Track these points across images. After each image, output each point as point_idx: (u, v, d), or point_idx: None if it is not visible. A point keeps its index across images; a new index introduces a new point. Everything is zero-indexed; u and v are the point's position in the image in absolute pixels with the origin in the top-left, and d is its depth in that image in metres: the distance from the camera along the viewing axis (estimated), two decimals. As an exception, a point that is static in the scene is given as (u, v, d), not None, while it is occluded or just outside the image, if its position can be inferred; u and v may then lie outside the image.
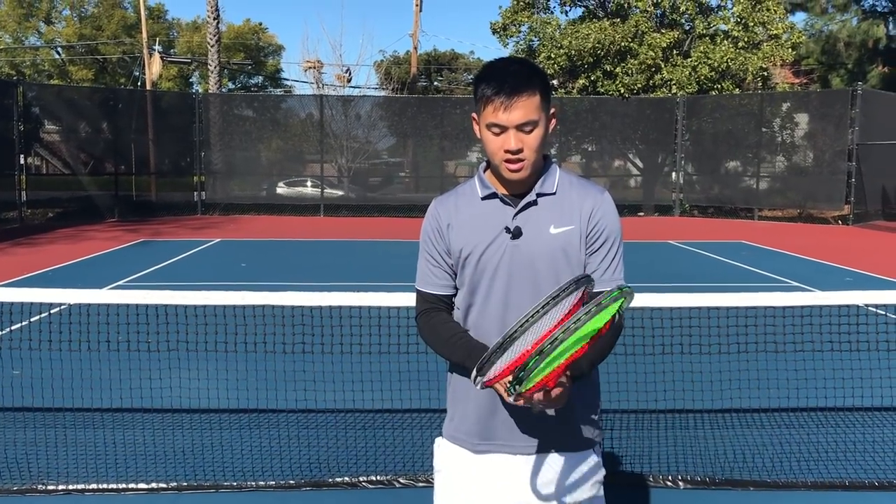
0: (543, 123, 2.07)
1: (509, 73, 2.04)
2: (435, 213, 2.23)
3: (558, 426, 2.15)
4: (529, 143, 2.04)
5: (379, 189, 26.66)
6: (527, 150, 2.04)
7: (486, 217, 2.14)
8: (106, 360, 5.02)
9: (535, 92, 2.03)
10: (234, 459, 4.53)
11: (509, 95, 2.00)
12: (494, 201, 2.15)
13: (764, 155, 24.22)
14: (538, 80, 2.06)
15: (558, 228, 2.10)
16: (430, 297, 2.24)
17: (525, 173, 2.08)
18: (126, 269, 12.23)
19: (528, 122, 2.02)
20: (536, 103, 2.03)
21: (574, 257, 2.11)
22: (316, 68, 35.81)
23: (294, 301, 4.31)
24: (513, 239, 2.10)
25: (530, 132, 2.04)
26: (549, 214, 2.11)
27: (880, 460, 4.58)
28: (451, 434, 2.26)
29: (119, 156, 23.72)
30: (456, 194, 2.24)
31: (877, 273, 12.23)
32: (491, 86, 2.03)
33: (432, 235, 2.21)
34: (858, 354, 4.86)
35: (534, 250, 2.10)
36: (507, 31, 27.38)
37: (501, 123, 2.02)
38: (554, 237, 2.10)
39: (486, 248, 2.12)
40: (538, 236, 2.10)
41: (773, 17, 24.96)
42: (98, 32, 44.13)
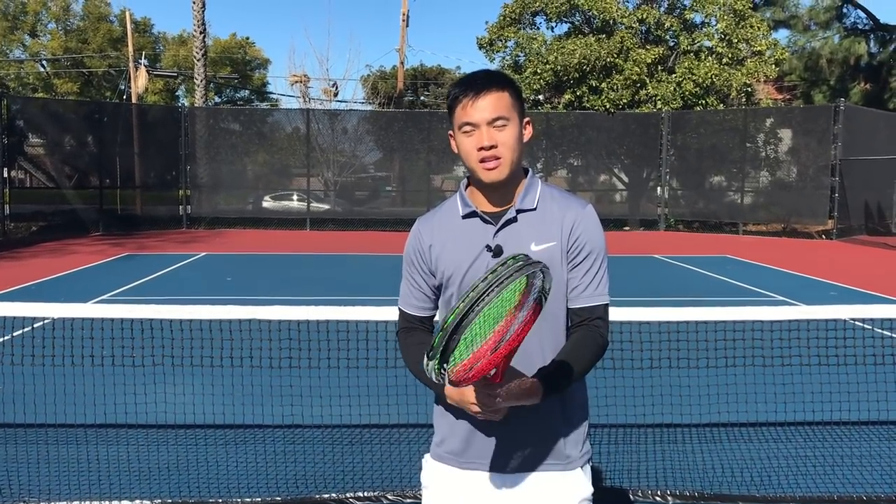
0: (516, 124, 2.06)
1: (477, 76, 2.07)
2: (417, 232, 2.21)
3: (542, 443, 2.13)
4: (503, 140, 2.02)
5: (365, 203, 26.65)
6: (501, 147, 2.02)
7: (468, 236, 2.10)
8: (90, 374, 4.96)
9: (503, 90, 2.04)
10: (220, 475, 4.48)
11: (478, 91, 2.01)
12: (475, 220, 2.11)
13: (748, 170, 24.41)
14: (507, 83, 2.07)
15: (539, 245, 2.05)
16: (409, 316, 2.24)
17: (502, 173, 2.04)
18: (110, 283, 12.14)
19: (499, 118, 2.01)
20: (507, 101, 2.04)
21: (557, 275, 2.03)
22: (303, 82, 35.82)
23: (280, 315, 4.28)
24: (494, 257, 2.05)
25: (503, 128, 2.02)
26: (529, 231, 2.07)
27: (867, 474, 4.58)
28: (437, 453, 2.24)
29: (104, 169, 23.61)
30: (439, 212, 2.21)
31: (861, 287, 12.31)
32: (460, 88, 2.05)
33: (414, 257, 2.20)
34: (846, 368, 4.86)
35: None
36: (493, 47, 27.50)
37: (472, 120, 2.01)
38: (535, 255, 2.01)
39: (468, 267, 2.08)
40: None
41: (756, 33, 25.21)
42: (84, 45, 43.98)
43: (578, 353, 2.02)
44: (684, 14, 25.98)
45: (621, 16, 25.58)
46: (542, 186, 2.15)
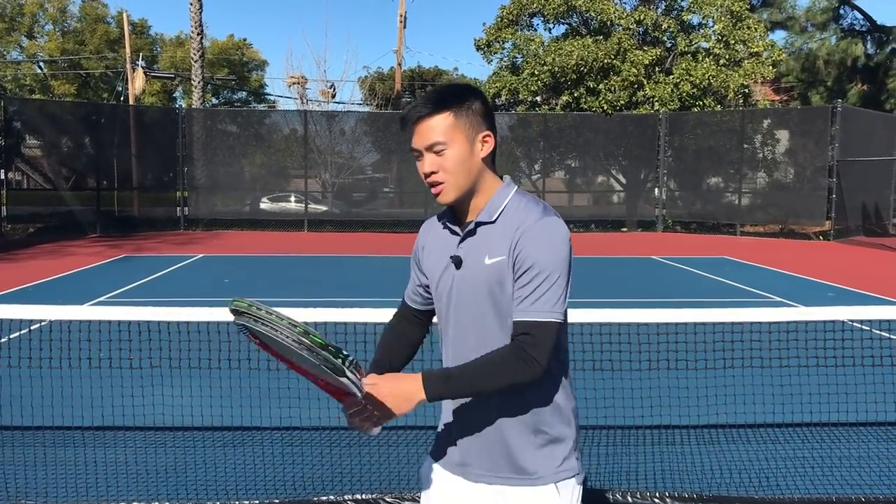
0: (461, 144, 2.03)
1: (419, 100, 2.07)
2: (420, 232, 2.30)
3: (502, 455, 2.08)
4: (444, 165, 2.03)
5: (363, 204, 26.64)
6: (442, 172, 2.03)
7: (442, 243, 2.16)
8: (87, 377, 4.95)
9: (440, 113, 2.02)
10: (218, 477, 4.47)
11: (415, 119, 2.04)
12: (446, 229, 2.17)
13: (745, 171, 24.43)
14: (450, 103, 2.03)
15: (492, 259, 2.02)
16: (403, 302, 2.38)
17: (448, 197, 2.06)
18: (108, 284, 12.12)
19: (435, 144, 2.02)
20: (446, 124, 2.01)
21: (508, 290, 2.00)
22: (300, 84, 35.82)
23: (279, 317, 4.27)
24: (457, 269, 2.09)
25: (441, 153, 2.02)
26: (485, 245, 2.05)
27: (866, 475, 4.58)
28: (431, 449, 2.29)
29: (101, 171, 23.57)
30: (438, 216, 2.25)
31: (858, 288, 12.32)
32: (405, 113, 2.08)
33: (413, 254, 2.31)
34: (844, 370, 4.87)
35: (472, 282, 2.06)
36: (490, 48, 27.52)
37: (414, 146, 2.06)
38: (488, 268, 2.02)
39: (440, 275, 2.14)
40: (475, 267, 2.05)
41: (753, 35, 25.25)
42: (81, 47, 43.95)
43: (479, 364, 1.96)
44: (682, 15, 26.01)
45: (619, 17, 25.61)
46: (513, 197, 2.09)
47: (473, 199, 2.09)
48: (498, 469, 2.10)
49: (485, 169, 2.08)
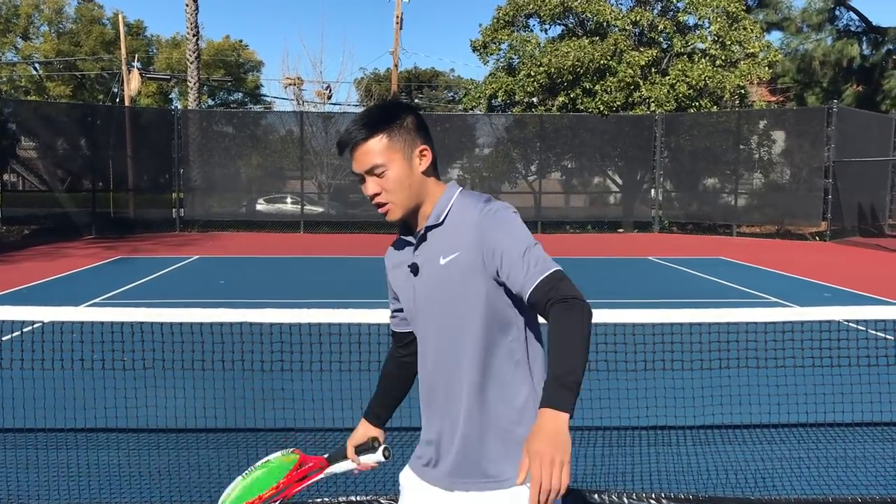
0: (399, 162, 2.04)
1: (352, 125, 2.09)
2: (386, 257, 2.31)
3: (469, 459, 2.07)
4: (386, 186, 2.05)
5: (360, 206, 26.59)
6: (385, 193, 2.06)
7: (401, 258, 2.19)
8: (80, 378, 4.92)
9: (374, 136, 2.04)
10: (212, 480, 4.44)
11: (351, 145, 2.06)
12: (401, 241, 2.20)
13: (742, 172, 24.45)
14: (379, 125, 2.05)
15: (446, 258, 2.04)
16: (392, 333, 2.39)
17: (395, 215, 2.09)
18: (103, 286, 12.09)
19: (374, 167, 2.04)
20: (380, 146, 2.03)
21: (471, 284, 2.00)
22: (296, 85, 35.79)
23: (272, 318, 4.25)
24: (415, 276, 2.11)
25: (382, 174, 2.05)
26: (437, 246, 2.07)
27: (862, 476, 4.57)
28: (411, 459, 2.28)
29: (97, 172, 23.52)
30: (398, 239, 2.26)
31: (854, 289, 12.32)
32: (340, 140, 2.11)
33: (387, 280, 2.31)
34: (840, 370, 4.86)
35: (428, 285, 2.08)
36: (487, 49, 27.53)
37: (355, 171, 2.09)
38: (443, 268, 2.04)
39: (403, 287, 2.17)
40: (430, 270, 2.08)
41: (749, 35, 25.29)
42: (76, 48, 43.88)
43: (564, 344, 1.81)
44: (678, 16, 26.04)
45: (615, 18, 25.63)
46: (457, 198, 2.10)
47: (422, 208, 2.11)
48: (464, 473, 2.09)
49: (426, 180, 2.10)
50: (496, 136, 26.25)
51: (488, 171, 25.98)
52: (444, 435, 2.12)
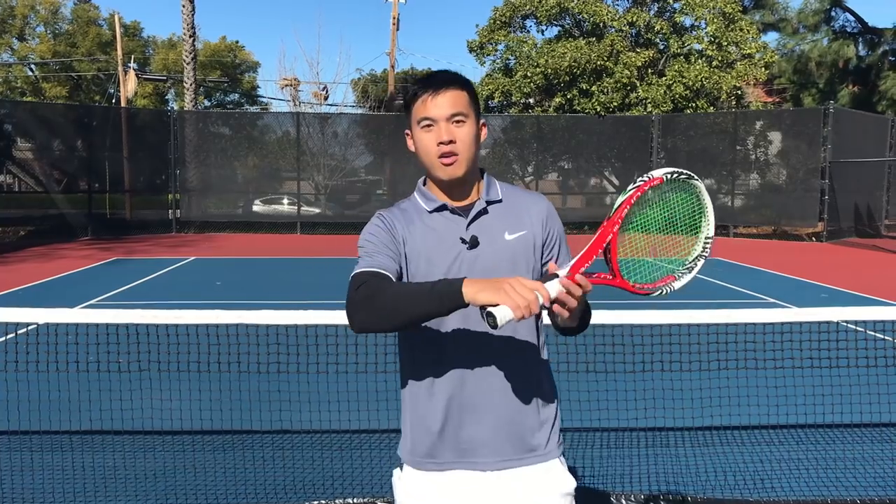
0: (473, 123, 2.08)
1: (437, 74, 2.10)
2: (386, 220, 2.12)
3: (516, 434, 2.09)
4: (461, 137, 2.04)
5: (356, 206, 26.58)
6: (459, 143, 2.03)
7: (439, 230, 2.09)
8: (75, 381, 4.89)
9: (462, 89, 2.07)
10: (207, 482, 4.42)
11: (437, 88, 2.04)
12: (444, 213, 2.11)
13: (738, 172, 24.46)
14: (465, 83, 2.10)
15: (512, 234, 2.09)
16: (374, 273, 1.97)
17: (459, 169, 2.05)
18: (99, 287, 12.05)
19: (458, 114, 2.03)
20: (465, 99, 2.06)
21: (529, 262, 2.10)
22: (293, 86, 35.75)
23: (268, 320, 4.23)
24: (469, 249, 2.06)
25: (461, 125, 2.04)
26: (501, 222, 2.10)
27: (861, 477, 4.55)
28: (410, 458, 2.16)
29: (93, 173, 23.47)
30: (399, 209, 2.17)
31: (851, 289, 12.32)
32: (419, 85, 2.08)
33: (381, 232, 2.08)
34: (838, 371, 4.84)
35: (492, 259, 2.06)
36: (483, 50, 27.53)
37: (431, 115, 2.03)
38: (509, 243, 2.08)
39: (444, 261, 2.06)
40: (494, 244, 2.07)
41: (745, 36, 25.31)
42: (72, 49, 43.82)
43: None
44: (674, 17, 26.06)
45: (611, 19, 25.64)
46: (499, 182, 2.22)
47: (470, 181, 2.12)
48: (510, 452, 2.09)
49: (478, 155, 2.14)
50: (493, 136, 26.24)
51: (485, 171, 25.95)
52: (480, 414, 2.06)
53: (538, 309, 1.72)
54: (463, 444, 2.08)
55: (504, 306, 1.69)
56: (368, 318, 1.84)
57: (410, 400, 2.16)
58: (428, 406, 2.10)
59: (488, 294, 1.70)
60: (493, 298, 1.70)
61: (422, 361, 2.11)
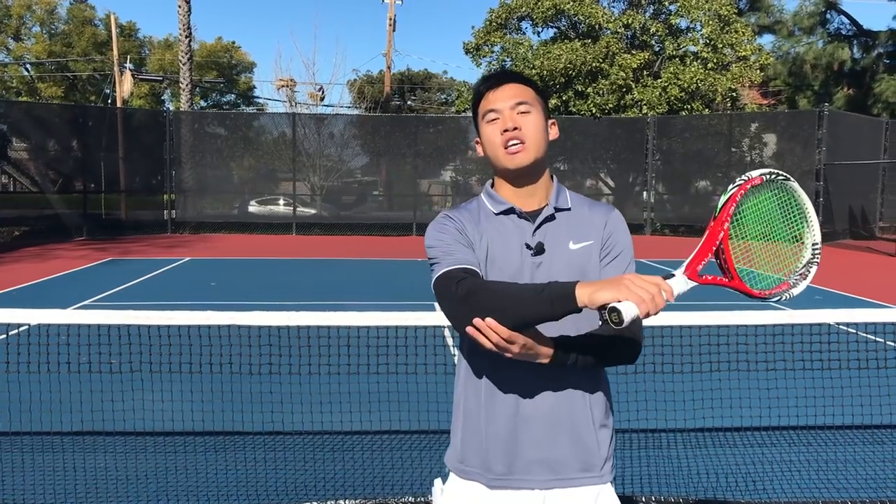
0: (540, 113, 2.04)
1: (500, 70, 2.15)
2: (450, 219, 2.06)
3: (578, 453, 2.02)
4: (526, 125, 1.99)
5: (352, 207, 26.58)
6: (525, 130, 1.98)
7: (505, 234, 2.03)
8: (66, 381, 4.87)
9: (527, 84, 2.05)
10: (200, 483, 4.41)
11: (500, 81, 2.03)
12: (511, 216, 2.05)
13: (733, 174, 24.46)
14: (529, 80, 2.08)
15: (577, 244, 2.03)
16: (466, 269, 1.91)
17: (526, 157, 1.99)
18: (94, 288, 12.03)
19: (522, 102, 2.00)
20: (530, 92, 2.03)
21: (592, 274, 2.02)
22: (289, 86, 35.74)
23: (261, 321, 4.22)
24: (534, 255, 2.00)
25: (526, 113, 2.00)
26: (567, 230, 2.04)
27: (852, 478, 4.56)
28: (459, 467, 2.08)
29: (88, 174, 23.43)
30: (466, 210, 2.10)
31: (845, 291, 12.35)
32: (483, 82, 2.07)
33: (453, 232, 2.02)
34: (830, 373, 4.85)
35: (555, 267, 1.99)
36: (479, 52, 27.54)
37: (495, 107, 2.00)
38: (574, 253, 2.02)
39: (510, 266, 2.00)
40: (559, 252, 2.01)
41: (741, 39, 25.36)
42: (68, 49, 43.75)
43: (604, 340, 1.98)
44: (670, 19, 26.10)
45: (607, 21, 25.67)
46: (569, 191, 2.17)
47: (538, 183, 2.07)
48: (570, 470, 2.02)
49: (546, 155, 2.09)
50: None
51: (481, 174, 25.98)
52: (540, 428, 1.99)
53: (663, 304, 1.69)
54: (518, 459, 2.01)
55: (627, 302, 1.63)
56: (476, 317, 1.77)
57: (465, 408, 2.09)
58: (484, 417, 2.03)
59: (608, 293, 1.66)
60: (614, 296, 1.65)
61: (482, 370, 2.04)
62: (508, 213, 2.05)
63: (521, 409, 1.99)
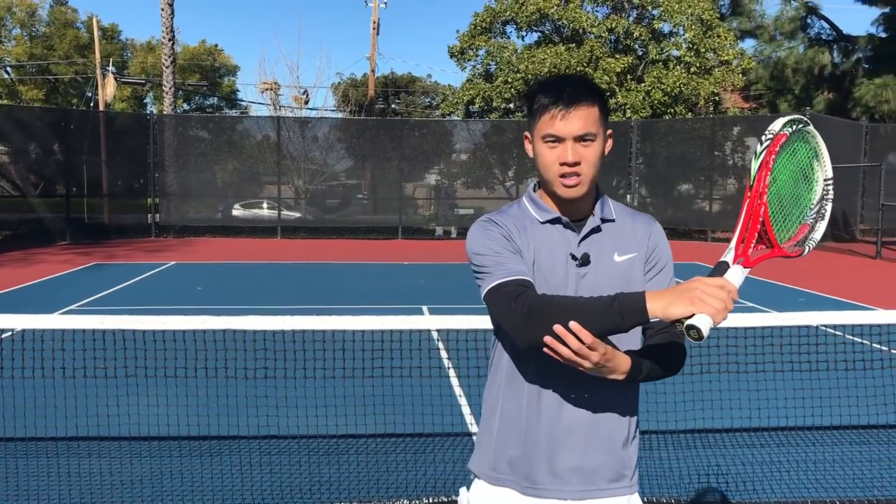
0: (601, 140, 1.96)
1: (568, 82, 1.95)
2: (494, 223, 2.01)
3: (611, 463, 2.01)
4: (587, 158, 1.92)
5: (336, 211, 26.54)
6: (584, 164, 1.92)
7: (550, 244, 1.99)
8: (60, 386, 4.87)
9: (594, 104, 1.93)
10: (195, 488, 4.42)
11: (567, 104, 1.90)
12: (557, 226, 2.01)
13: (716, 178, 24.70)
14: (597, 95, 1.96)
15: (622, 256, 2.01)
16: (521, 281, 1.87)
17: (581, 190, 1.94)
18: (78, 292, 11.96)
19: (588, 134, 1.91)
20: (596, 116, 1.93)
21: (636, 286, 1.98)
22: (273, 90, 35.67)
23: (256, 325, 4.24)
24: (579, 266, 1.97)
25: (588, 145, 1.92)
26: (611, 242, 2.01)
27: (840, 478, 4.64)
28: (491, 474, 2.05)
29: (71, 177, 23.26)
30: (509, 215, 2.04)
31: (828, 294, 12.49)
32: (549, 95, 1.93)
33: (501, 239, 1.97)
34: (818, 374, 4.93)
35: (599, 279, 1.97)
36: (464, 55, 27.62)
37: (558, 134, 1.91)
38: (618, 265, 2.00)
39: (554, 276, 1.96)
40: (604, 264, 1.99)
41: (723, 43, 25.58)
42: (49, 52, 43.42)
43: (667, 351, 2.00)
44: (653, 24, 26.28)
45: (591, 25, 25.81)
46: (612, 201, 2.13)
47: (586, 197, 2.01)
48: (603, 479, 2.02)
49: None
50: (473, 141, 26.32)
51: (465, 177, 26.03)
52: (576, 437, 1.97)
53: (733, 306, 1.67)
54: (557, 468, 1.99)
55: (701, 315, 1.62)
56: (538, 331, 1.75)
57: (503, 415, 2.04)
58: (525, 424, 2.00)
59: (682, 307, 1.65)
60: (688, 310, 1.64)
61: (527, 377, 2.00)
62: (555, 222, 2.01)
63: (563, 418, 1.97)
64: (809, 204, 1.93)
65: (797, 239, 1.91)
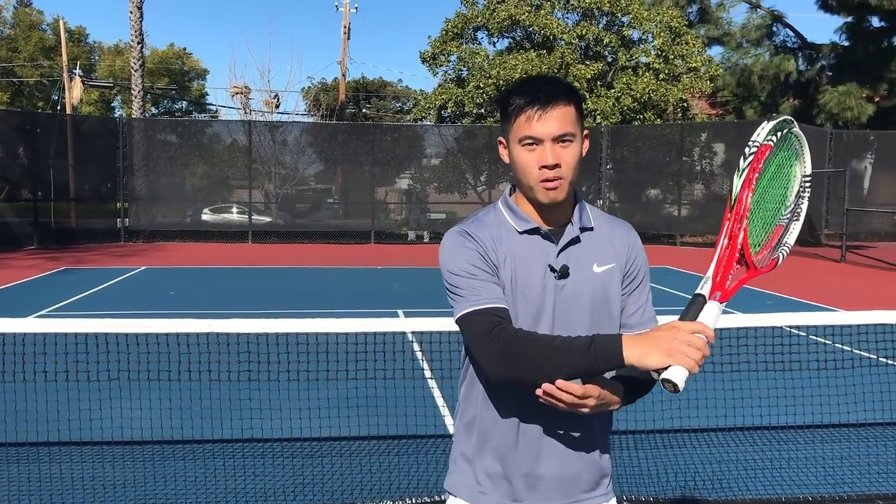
0: (579, 140, 1.90)
1: (544, 82, 1.89)
2: (470, 237, 1.93)
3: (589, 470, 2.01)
4: (567, 160, 1.86)
5: (307, 215, 26.45)
6: (564, 166, 1.85)
7: (528, 254, 1.92)
8: (42, 391, 4.85)
9: (570, 103, 1.87)
10: (178, 491, 4.43)
11: (544, 104, 1.83)
12: (535, 237, 1.94)
13: (684, 183, 25.04)
14: (573, 94, 1.90)
15: (601, 267, 1.95)
16: (496, 311, 1.83)
17: (562, 194, 1.88)
18: (48, 298, 11.82)
19: (566, 135, 1.84)
20: (573, 116, 1.87)
21: (613, 298, 1.96)
22: (243, 94, 35.47)
23: (239, 328, 4.26)
24: (558, 279, 1.90)
25: (567, 146, 1.86)
26: (590, 252, 1.95)
27: (812, 476, 4.77)
28: (469, 493, 2.01)
29: (37, 181, 22.95)
30: (484, 225, 1.96)
31: (794, 296, 12.74)
32: (524, 96, 1.86)
33: (477, 258, 1.90)
34: (791, 374, 5.06)
35: (578, 290, 1.92)
36: (436, 61, 27.69)
37: (536, 135, 1.84)
38: (597, 276, 1.94)
39: (532, 290, 1.90)
40: (583, 276, 1.93)
41: (691, 50, 25.95)
42: (14, 54, 42.78)
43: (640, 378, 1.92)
44: (622, 31, 26.57)
45: (561, 32, 26.04)
46: (589, 206, 2.05)
47: (566, 203, 1.95)
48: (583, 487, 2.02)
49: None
50: (445, 146, 26.40)
51: (437, 181, 26.10)
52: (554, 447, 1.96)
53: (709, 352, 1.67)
54: (539, 479, 1.97)
55: (677, 367, 1.61)
56: (512, 371, 1.75)
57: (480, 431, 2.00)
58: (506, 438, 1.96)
59: (658, 358, 1.63)
60: (664, 361, 1.63)
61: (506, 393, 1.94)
62: (533, 232, 1.95)
63: (545, 430, 1.94)
64: (786, 202, 1.93)
65: (771, 244, 1.89)
